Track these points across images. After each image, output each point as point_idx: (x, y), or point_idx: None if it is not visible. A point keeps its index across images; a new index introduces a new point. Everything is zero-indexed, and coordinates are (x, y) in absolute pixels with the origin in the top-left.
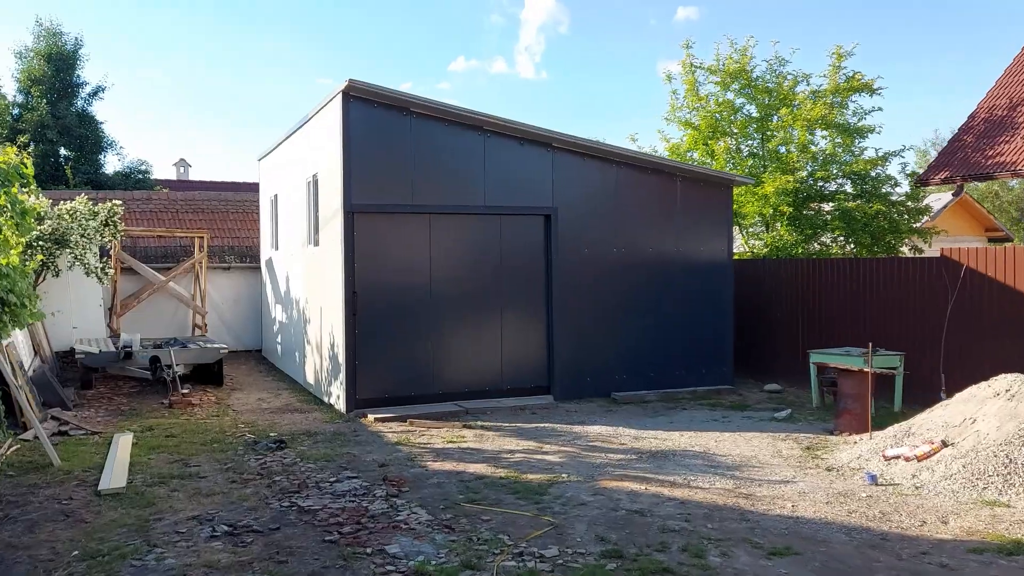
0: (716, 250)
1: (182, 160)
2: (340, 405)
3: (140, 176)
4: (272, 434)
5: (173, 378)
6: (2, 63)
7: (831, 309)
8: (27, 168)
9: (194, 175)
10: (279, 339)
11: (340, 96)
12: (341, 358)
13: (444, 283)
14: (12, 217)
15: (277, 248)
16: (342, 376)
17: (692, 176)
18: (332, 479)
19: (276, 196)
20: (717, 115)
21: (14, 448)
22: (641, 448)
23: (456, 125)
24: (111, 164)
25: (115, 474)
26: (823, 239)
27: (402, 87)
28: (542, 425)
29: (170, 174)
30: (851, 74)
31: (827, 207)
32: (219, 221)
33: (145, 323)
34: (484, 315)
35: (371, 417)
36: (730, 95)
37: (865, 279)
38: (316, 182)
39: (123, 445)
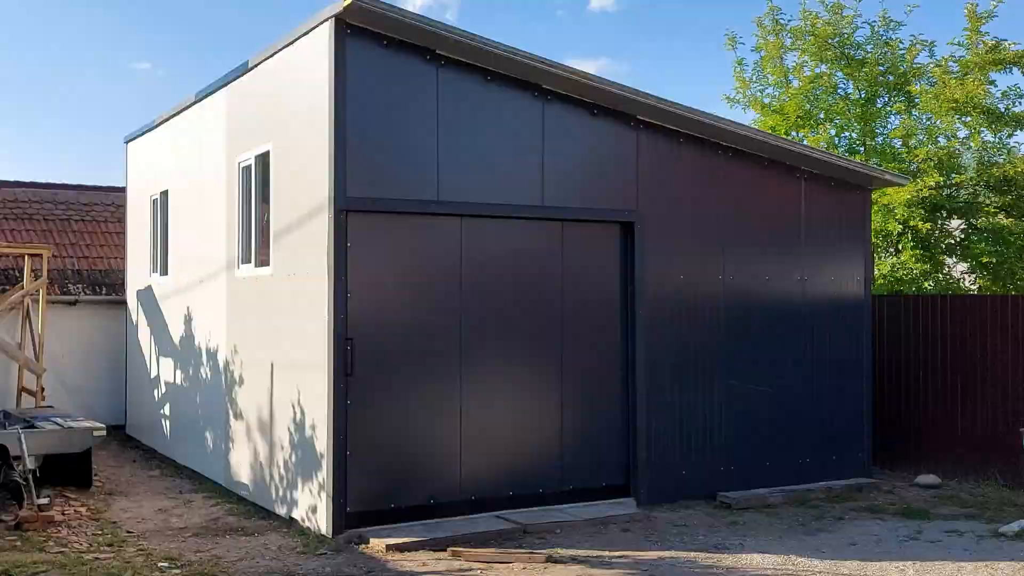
0: (848, 282)
1: None
2: (317, 522)
3: None
4: None
5: (26, 481)
6: None
7: (1007, 367)
8: None
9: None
10: (166, 411)
11: (331, 24)
12: (321, 445)
13: (479, 324)
14: None
15: (164, 272)
16: (322, 475)
17: (822, 172)
18: None
19: (164, 194)
20: (808, 95)
21: None
22: None
23: (503, 82)
24: None
25: None
26: (948, 269)
27: None
28: (664, 555)
29: None
30: (992, 42)
31: (955, 224)
32: (57, 233)
33: None
34: (536, 373)
35: (378, 543)
36: (823, 67)
37: None
38: (264, 165)
39: None
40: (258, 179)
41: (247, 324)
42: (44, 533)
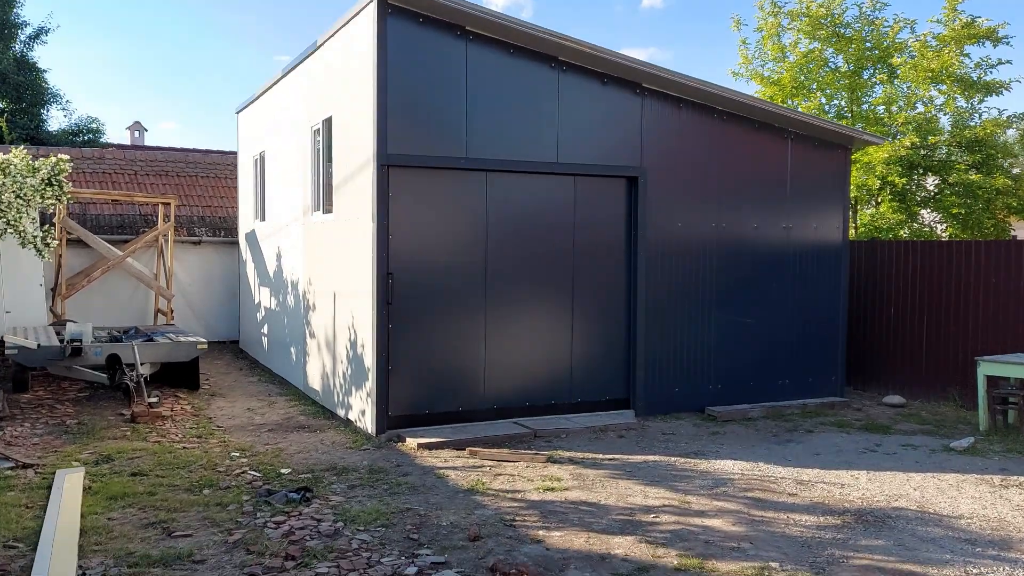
0: (829, 229)
1: (137, 123)
2: (365, 423)
3: (90, 135)
4: (284, 471)
5: (137, 383)
6: None
7: (968, 305)
8: None
9: (150, 141)
10: (265, 330)
11: (375, 5)
12: (368, 361)
13: (502, 263)
14: None
15: (263, 219)
16: (369, 385)
17: (807, 132)
18: (408, 568)
19: (262, 155)
20: (802, 68)
21: None
22: (825, 503)
23: (524, 55)
24: (56, 121)
25: (55, 568)
26: (922, 220)
27: None
28: (649, 458)
29: (123, 138)
30: (967, 19)
31: (930, 180)
32: (186, 187)
33: (96, 308)
34: (551, 305)
35: (412, 442)
36: (816, 45)
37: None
38: (328, 129)
39: (70, 494)
40: (324, 141)
41: (318, 260)
42: (152, 426)
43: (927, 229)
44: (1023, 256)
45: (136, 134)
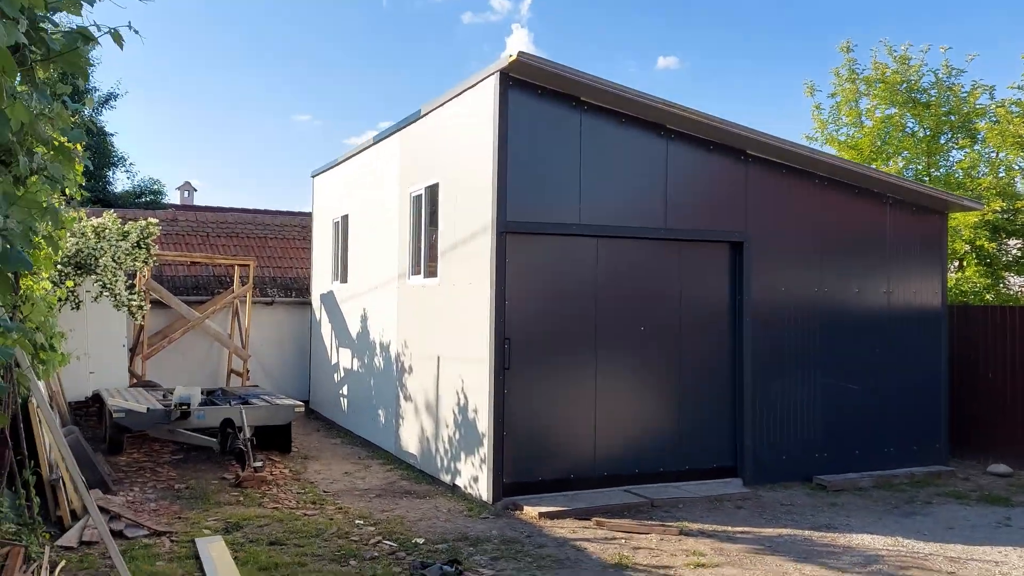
0: (928, 294)
1: (187, 184)
2: (479, 490)
3: (152, 196)
4: (418, 540)
5: (247, 447)
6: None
7: None
8: (78, 166)
9: (199, 200)
10: (344, 391)
11: (496, 78)
12: (483, 426)
13: (611, 328)
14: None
15: (344, 281)
16: (483, 451)
17: (905, 197)
18: None
19: (345, 217)
20: (880, 133)
21: (60, 568)
22: None
23: (634, 124)
24: (120, 182)
25: None
26: (1008, 283)
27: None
28: (782, 532)
29: (174, 198)
30: None
31: (1013, 243)
32: (257, 248)
33: (172, 368)
34: (658, 370)
35: (531, 511)
36: (893, 110)
37: None
38: (432, 195)
39: (222, 565)
40: (427, 206)
41: (414, 323)
42: (259, 491)
43: (1014, 292)
44: None
45: (186, 194)
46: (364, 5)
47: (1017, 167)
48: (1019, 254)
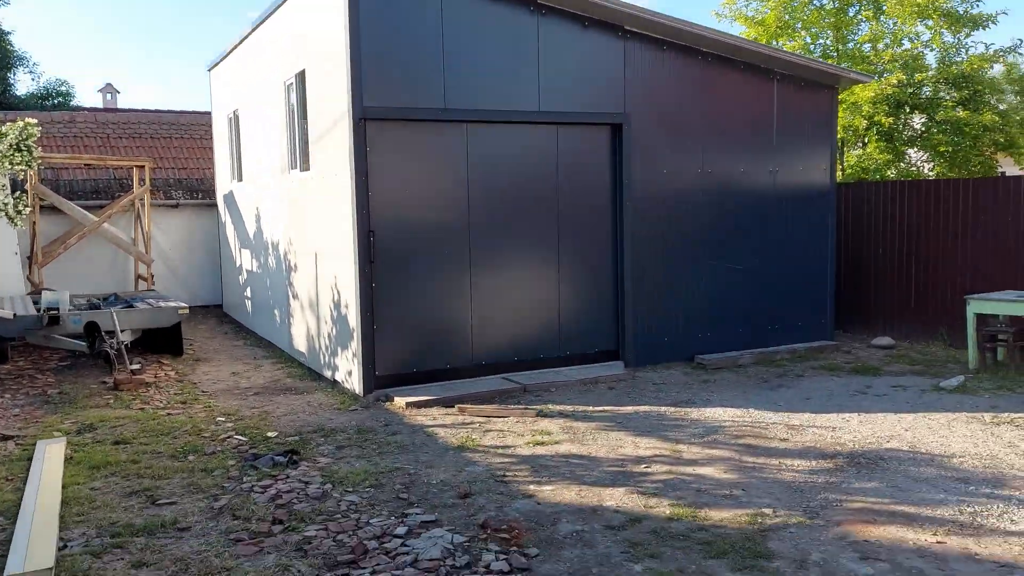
0: (816, 172)
1: (109, 85)
2: (353, 384)
3: (60, 99)
4: (271, 435)
5: (119, 350)
6: None
7: (956, 244)
8: None
9: (123, 103)
10: (248, 293)
11: None
12: (352, 321)
13: (485, 216)
14: None
15: (240, 179)
16: (354, 345)
17: (793, 72)
18: (398, 527)
19: (236, 112)
20: (786, 6)
21: None
22: (817, 447)
23: (501, 1)
24: (23, 84)
25: (35, 540)
26: (909, 159)
27: None
28: (640, 409)
29: (95, 101)
30: None
31: (917, 119)
32: (161, 149)
33: (77, 275)
34: (536, 258)
35: (400, 401)
36: None
37: (1017, 203)
38: (303, 82)
39: (51, 464)
40: (299, 96)
41: (298, 219)
42: (136, 393)
43: (914, 169)
44: (1010, 193)
45: (108, 96)
46: None
47: (918, 39)
48: (922, 129)
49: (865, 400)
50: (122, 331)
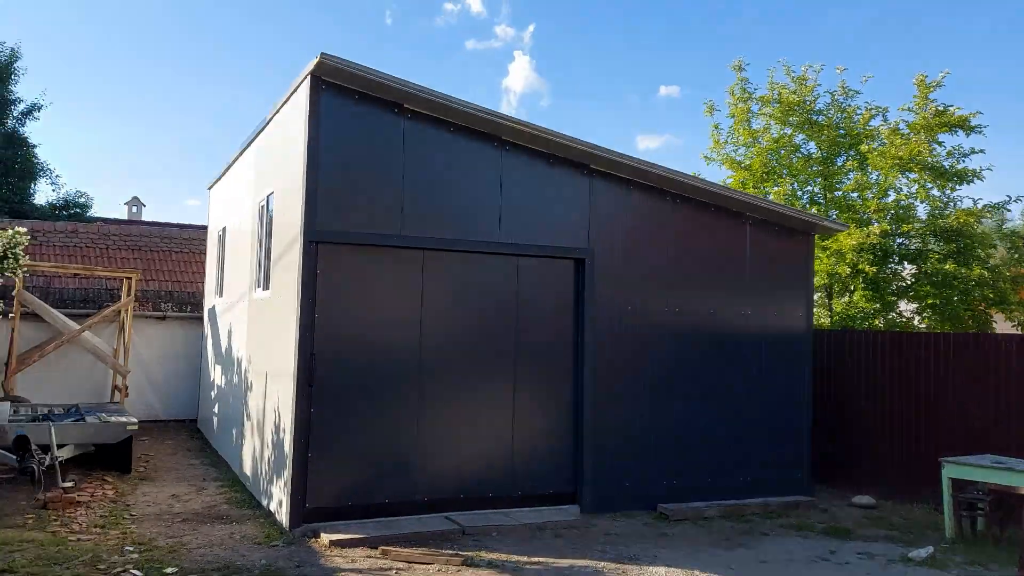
0: (791, 317)
1: (135, 199)
2: (282, 515)
3: (78, 209)
4: (169, 571)
5: (50, 466)
6: None
7: (946, 400)
8: None
9: (147, 215)
10: (216, 409)
11: (308, 81)
12: (287, 446)
13: (438, 345)
14: None
15: (221, 294)
16: (287, 473)
17: (766, 217)
18: None
19: (224, 229)
20: (773, 153)
21: None
22: None
23: (465, 134)
24: (43, 195)
25: None
26: (899, 309)
27: None
28: (578, 563)
29: (121, 213)
30: (940, 108)
31: (907, 269)
32: (158, 261)
33: (52, 384)
34: (490, 391)
35: (325, 539)
36: (787, 131)
37: (996, 361)
38: (268, 204)
39: None
40: (268, 217)
41: (257, 338)
42: (61, 513)
43: (904, 320)
44: (988, 350)
45: (134, 209)
46: (367, 25)
47: (903, 190)
48: (912, 280)
49: (824, 569)
50: (63, 446)
